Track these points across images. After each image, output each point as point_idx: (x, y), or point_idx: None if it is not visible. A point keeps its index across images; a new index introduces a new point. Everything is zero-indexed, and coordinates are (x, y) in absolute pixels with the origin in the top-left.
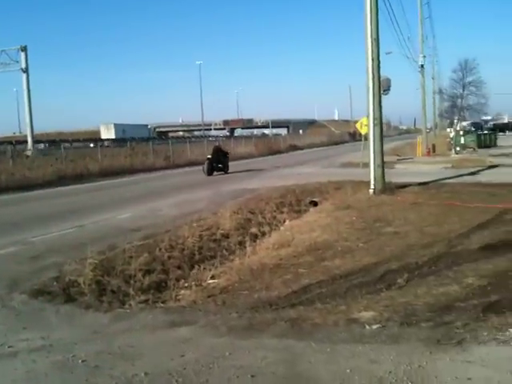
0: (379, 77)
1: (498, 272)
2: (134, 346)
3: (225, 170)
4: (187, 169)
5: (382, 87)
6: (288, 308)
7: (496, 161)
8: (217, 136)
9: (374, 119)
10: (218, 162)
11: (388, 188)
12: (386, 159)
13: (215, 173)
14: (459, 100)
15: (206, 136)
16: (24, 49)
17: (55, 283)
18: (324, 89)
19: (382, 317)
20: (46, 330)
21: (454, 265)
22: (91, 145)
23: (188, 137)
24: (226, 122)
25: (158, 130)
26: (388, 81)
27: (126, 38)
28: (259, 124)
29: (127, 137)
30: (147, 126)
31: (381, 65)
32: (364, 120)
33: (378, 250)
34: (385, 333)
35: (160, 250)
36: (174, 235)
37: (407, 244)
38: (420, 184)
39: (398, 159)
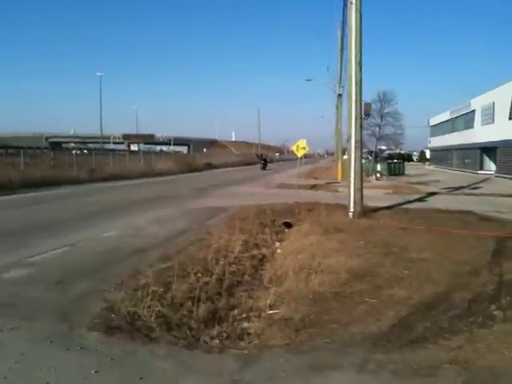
0: (361, 101)
1: None
2: None
3: (266, 168)
4: (116, 183)
5: (365, 111)
6: (414, 347)
7: (426, 188)
8: (115, 149)
9: (356, 142)
10: (266, 164)
11: (364, 211)
12: (315, 182)
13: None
14: (377, 129)
15: (103, 149)
16: None
17: (113, 315)
18: (223, 110)
19: None
20: (170, 381)
21: None
22: None
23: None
24: (126, 136)
25: (50, 140)
26: (369, 105)
27: (19, 44)
28: (161, 140)
29: None
30: None
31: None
32: (301, 143)
33: (427, 277)
34: None
35: (190, 275)
36: (195, 258)
37: (449, 271)
38: (386, 208)
39: (327, 183)
